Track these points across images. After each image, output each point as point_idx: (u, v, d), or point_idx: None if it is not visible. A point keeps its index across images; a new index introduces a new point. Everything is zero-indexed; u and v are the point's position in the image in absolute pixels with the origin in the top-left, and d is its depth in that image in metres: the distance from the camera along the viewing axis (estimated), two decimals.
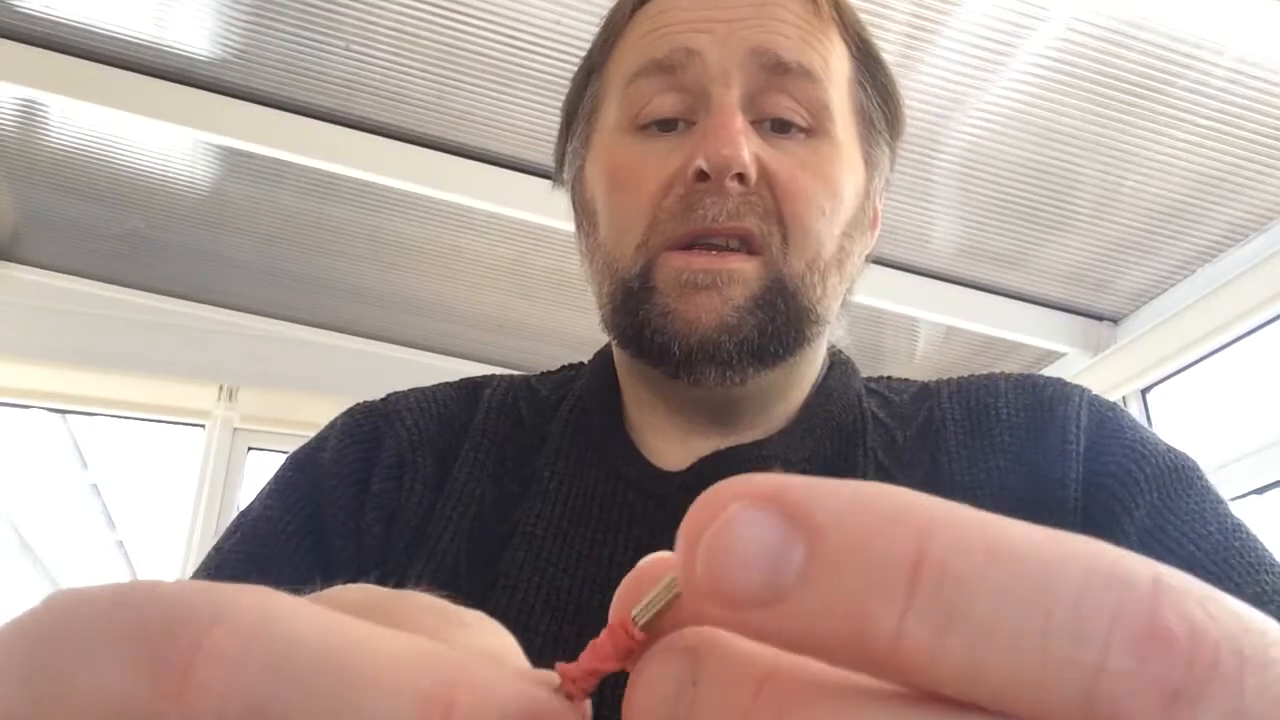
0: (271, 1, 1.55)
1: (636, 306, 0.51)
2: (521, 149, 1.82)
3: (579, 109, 0.58)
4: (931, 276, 2.07)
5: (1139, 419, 0.54)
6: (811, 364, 0.56)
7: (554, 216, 1.77)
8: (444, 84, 1.69)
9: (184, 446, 2.45)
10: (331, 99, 1.75)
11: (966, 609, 0.11)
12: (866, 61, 0.56)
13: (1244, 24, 1.44)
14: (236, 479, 2.31)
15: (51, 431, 3.31)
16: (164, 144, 1.89)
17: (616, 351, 0.58)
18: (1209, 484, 0.50)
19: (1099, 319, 2.16)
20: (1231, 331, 1.88)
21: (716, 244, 0.49)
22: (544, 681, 0.15)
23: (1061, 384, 0.54)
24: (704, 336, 0.49)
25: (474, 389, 0.59)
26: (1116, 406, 0.54)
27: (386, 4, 1.54)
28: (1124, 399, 2.09)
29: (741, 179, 0.48)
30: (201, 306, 2.34)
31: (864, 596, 0.11)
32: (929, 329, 2.24)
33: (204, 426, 2.34)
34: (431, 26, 1.57)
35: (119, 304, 2.29)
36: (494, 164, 1.85)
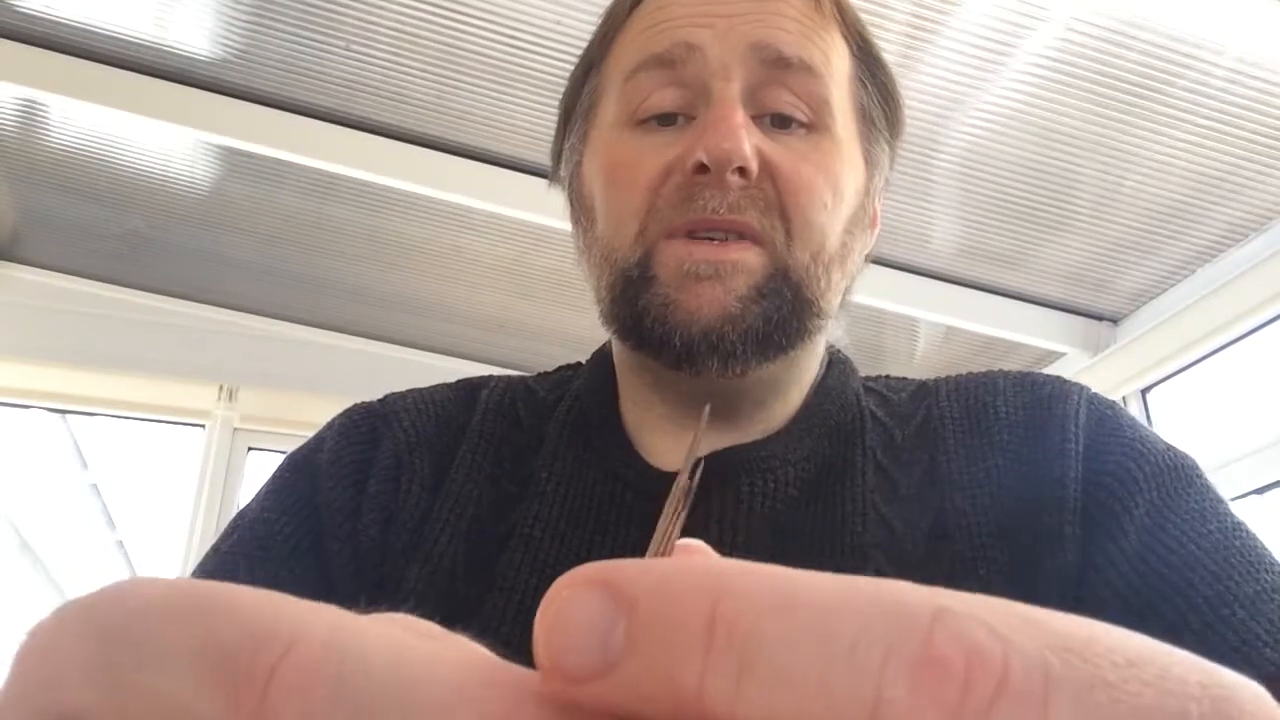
0: (271, 1, 1.55)
1: (636, 296, 0.50)
2: (521, 149, 1.81)
3: (577, 105, 0.58)
4: (931, 276, 2.07)
5: (1139, 419, 0.54)
6: (811, 360, 0.56)
7: (554, 216, 1.77)
8: (444, 84, 1.69)
9: (184, 446, 2.45)
10: (331, 99, 1.75)
11: (756, 660, 0.12)
12: (867, 60, 0.56)
13: (1244, 24, 1.44)
14: (236, 479, 2.31)
15: (51, 431, 3.31)
16: (164, 144, 1.88)
17: (616, 346, 0.57)
18: (1209, 483, 0.50)
19: (1099, 319, 2.16)
20: (1231, 331, 1.87)
21: (716, 235, 0.49)
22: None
23: (1061, 382, 0.54)
24: (706, 327, 0.48)
25: (471, 390, 0.59)
26: (1116, 405, 0.54)
27: (386, 4, 1.54)
28: (1124, 399, 2.09)
29: (743, 173, 0.48)
30: (201, 306, 2.34)
31: (672, 657, 0.12)
32: (929, 329, 2.24)
33: (204, 426, 2.34)
34: (431, 26, 1.57)
35: (119, 304, 2.29)
36: (494, 164, 1.85)
